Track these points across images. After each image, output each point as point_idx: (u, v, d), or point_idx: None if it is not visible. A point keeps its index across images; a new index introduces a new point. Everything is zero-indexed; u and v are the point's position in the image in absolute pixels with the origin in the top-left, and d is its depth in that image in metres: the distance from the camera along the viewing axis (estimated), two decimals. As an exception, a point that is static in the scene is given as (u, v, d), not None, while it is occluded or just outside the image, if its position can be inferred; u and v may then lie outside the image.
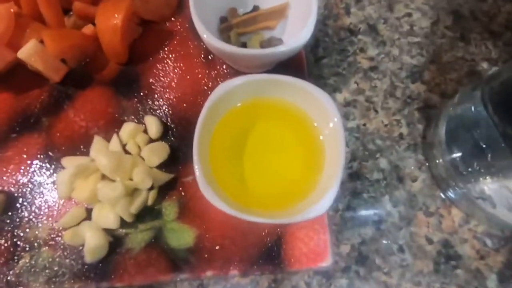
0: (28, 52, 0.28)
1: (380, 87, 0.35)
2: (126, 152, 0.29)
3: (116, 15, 0.29)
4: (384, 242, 0.29)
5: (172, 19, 0.35)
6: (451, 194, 0.30)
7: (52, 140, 0.30)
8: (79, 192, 0.27)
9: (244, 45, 0.32)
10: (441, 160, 0.30)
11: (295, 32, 0.31)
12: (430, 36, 0.37)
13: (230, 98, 0.25)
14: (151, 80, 0.33)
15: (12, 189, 0.29)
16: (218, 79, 0.32)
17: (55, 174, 0.29)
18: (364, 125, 0.33)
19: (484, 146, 0.27)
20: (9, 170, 0.30)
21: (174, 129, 0.31)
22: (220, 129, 0.25)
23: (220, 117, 0.25)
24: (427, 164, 0.32)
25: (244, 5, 0.33)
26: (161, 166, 0.29)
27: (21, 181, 0.29)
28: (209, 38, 0.27)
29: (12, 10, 0.28)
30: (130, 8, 0.30)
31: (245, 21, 0.31)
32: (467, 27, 0.37)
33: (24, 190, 0.29)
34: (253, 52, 0.26)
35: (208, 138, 0.25)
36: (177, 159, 0.30)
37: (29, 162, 0.30)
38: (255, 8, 0.33)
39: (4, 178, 0.29)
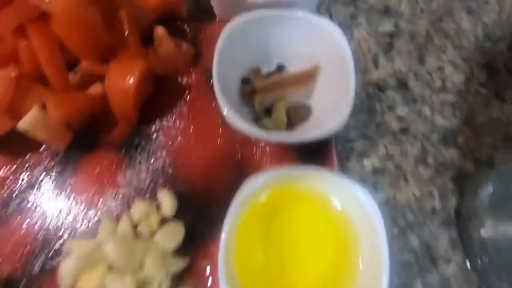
0: (30, 122, 0.25)
1: (410, 152, 0.32)
2: (136, 233, 0.26)
3: (129, 78, 0.27)
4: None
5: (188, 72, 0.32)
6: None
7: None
8: (84, 285, 0.24)
9: (268, 110, 0.29)
10: (477, 236, 0.28)
11: (325, 98, 0.28)
12: (463, 94, 0.34)
13: (256, 193, 0.22)
14: (163, 143, 0.30)
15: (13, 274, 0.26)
16: (238, 144, 0.30)
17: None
18: (394, 197, 0.31)
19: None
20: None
21: (189, 203, 0.28)
22: (245, 227, 0.22)
23: (245, 213, 0.22)
24: (460, 241, 0.30)
25: (267, 63, 0.30)
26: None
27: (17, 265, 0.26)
28: (230, 114, 0.24)
29: (13, 74, 0.25)
30: (145, 70, 0.27)
31: (271, 85, 0.28)
32: (501, 83, 0.35)
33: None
34: (279, 138, 0.24)
35: (233, 237, 0.22)
36: (193, 239, 0.27)
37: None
38: (280, 67, 0.30)
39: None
